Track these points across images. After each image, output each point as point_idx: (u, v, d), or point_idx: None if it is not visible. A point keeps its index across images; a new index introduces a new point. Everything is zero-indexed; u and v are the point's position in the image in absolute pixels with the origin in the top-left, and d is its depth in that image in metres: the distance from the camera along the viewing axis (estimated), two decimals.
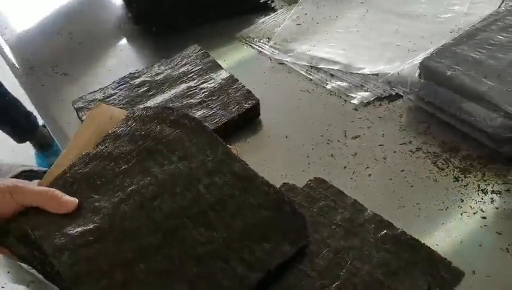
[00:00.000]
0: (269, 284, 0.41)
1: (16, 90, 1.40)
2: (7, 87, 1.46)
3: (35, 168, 0.73)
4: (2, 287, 0.39)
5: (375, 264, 0.43)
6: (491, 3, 0.76)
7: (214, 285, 0.39)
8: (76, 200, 0.44)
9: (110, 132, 0.51)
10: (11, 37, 0.88)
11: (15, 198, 0.42)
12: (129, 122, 0.51)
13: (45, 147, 1.62)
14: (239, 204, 0.44)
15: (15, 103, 1.51)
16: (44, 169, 0.74)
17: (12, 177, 0.68)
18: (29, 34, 0.89)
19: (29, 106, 1.54)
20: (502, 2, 0.76)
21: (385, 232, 0.45)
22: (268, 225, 0.43)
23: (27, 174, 0.72)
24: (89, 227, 0.42)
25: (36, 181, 0.49)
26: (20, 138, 1.56)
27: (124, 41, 0.83)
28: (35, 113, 1.61)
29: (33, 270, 0.44)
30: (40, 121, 1.59)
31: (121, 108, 0.66)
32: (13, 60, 0.82)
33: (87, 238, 0.41)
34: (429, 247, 0.44)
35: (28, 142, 1.60)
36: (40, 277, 0.43)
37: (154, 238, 0.41)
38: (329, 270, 0.43)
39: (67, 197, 0.44)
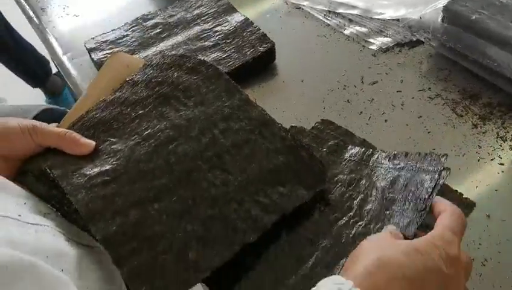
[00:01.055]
0: (284, 227, 0.41)
1: (30, 34, 1.40)
2: (22, 32, 1.46)
3: (56, 107, 0.73)
4: (19, 215, 0.40)
5: (385, 187, 0.43)
6: None
7: (228, 226, 0.39)
8: (93, 143, 0.44)
9: (127, 79, 0.50)
10: None
11: (34, 139, 0.43)
12: (146, 70, 0.51)
13: (56, 94, 1.64)
14: (255, 148, 0.44)
15: (29, 48, 1.52)
16: (62, 108, 0.74)
17: (33, 117, 0.68)
18: None
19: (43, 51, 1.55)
20: None
21: (396, 158, 0.45)
22: (284, 169, 0.43)
23: (47, 114, 0.72)
24: (105, 168, 0.42)
25: (54, 124, 0.49)
26: (34, 82, 1.59)
27: None
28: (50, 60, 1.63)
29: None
30: (54, 70, 1.60)
31: (133, 50, 0.65)
32: (24, 3, 0.81)
33: (103, 178, 0.41)
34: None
35: (39, 90, 1.63)
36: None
37: (169, 180, 0.42)
38: (341, 203, 0.43)
39: (84, 140, 0.44)
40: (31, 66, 1.54)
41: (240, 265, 0.39)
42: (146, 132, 0.45)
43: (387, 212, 0.40)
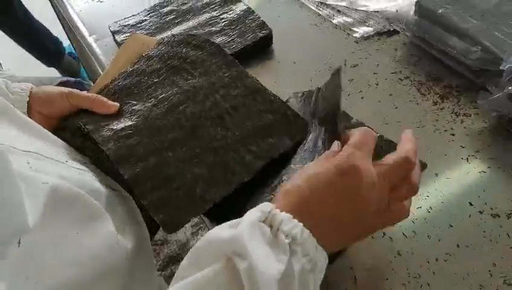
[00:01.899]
0: (271, 171, 0.52)
1: (47, 16, 1.50)
2: (38, 13, 1.55)
3: (70, 79, 0.84)
4: (66, 161, 0.50)
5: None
6: None
7: (227, 169, 0.50)
8: (118, 104, 0.55)
9: (144, 54, 0.61)
10: None
11: (70, 100, 0.53)
12: (160, 46, 0.62)
13: (73, 75, 1.74)
14: (249, 110, 0.55)
15: (43, 29, 1.62)
16: (78, 79, 0.85)
17: (60, 84, 0.79)
18: None
19: (57, 33, 1.65)
20: None
21: None
22: (272, 125, 0.54)
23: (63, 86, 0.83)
24: (128, 124, 0.53)
25: (84, 91, 0.60)
26: (49, 61, 1.69)
27: None
28: (63, 40, 1.73)
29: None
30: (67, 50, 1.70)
31: (151, 33, 0.75)
32: None
33: (127, 132, 0.52)
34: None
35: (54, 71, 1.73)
36: None
37: (179, 134, 0.53)
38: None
39: (110, 102, 0.55)
40: (46, 46, 1.64)
41: (234, 200, 0.50)
42: (161, 96, 0.56)
43: None
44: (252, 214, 0.35)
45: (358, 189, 0.37)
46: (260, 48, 0.71)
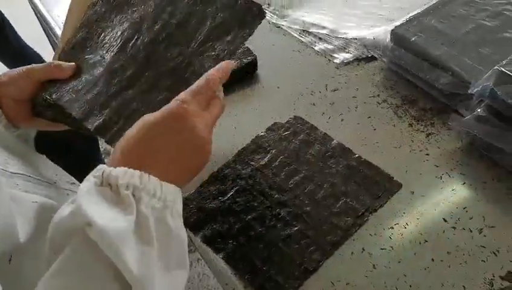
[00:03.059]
0: None
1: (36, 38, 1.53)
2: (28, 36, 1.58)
3: None
4: (55, 182, 0.52)
5: (339, 178, 0.56)
6: None
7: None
8: (73, 64, 0.54)
9: (88, 4, 0.60)
10: None
11: (31, 77, 0.52)
12: None
13: None
14: (199, 17, 0.54)
15: (33, 52, 1.65)
16: None
17: None
18: None
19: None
20: None
21: (345, 155, 0.59)
22: (227, 21, 0.52)
23: None
24: (88, 79, 0.53)
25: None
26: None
27: None
28: None
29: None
30: None
31: None
32: (50, 20, 0.94)
33: (87, 87, 0.52)
34: (377, 166, 0.57)
35: None
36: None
37: (135, 69, 0.52)
38: (300, 186, 0.56)
39: (66, 64, 0.54)
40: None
41: None
42: (112, 39, 0.55)
43: None
44: (87, 182, 0.36)
45: (186, 129, 0.40)
46: (245, 73, 0.75)
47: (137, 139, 0.39)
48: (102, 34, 0.57)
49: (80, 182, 0.37)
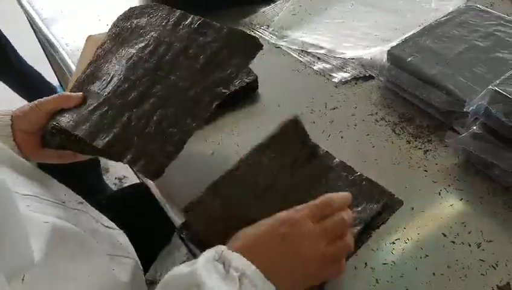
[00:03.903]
0: None
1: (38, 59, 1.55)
2: (33, 62, 1.60)
3: None
4: (63, 202, 0.53)
5: None
6: (456, 1, 0.89)
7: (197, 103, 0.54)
8: (80, 93, 0.58)
9: (98, 44, 0.65)
10: (48, 18, 1.02)
11: (41, 108, 0.56)
12: (108, 32, 0.66)
13: None
14: (200, 46, 0.58)
15: (36, 74, 1.67)
16: None
17: None
18: (64, 15, 1.03)
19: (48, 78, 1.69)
20: (467, 0, 0.90)
21: (347, 174, 0.60)
22: (225, 51, 0.57)
23: None
24: (93, 105, 0.56)
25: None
26: None
27: None
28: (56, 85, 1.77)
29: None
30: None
31: None
32: (51, 36, 0.96)
33: (94, 112, 0.55)
34: (378, 183, 0.59)
35: None
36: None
37: (140, 91, 0.56)
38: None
39: (74, 94, 0.58)
40: (40, 90, 1.68)
41: None
42: (115, 67, 0.59)
43: None
44: (207, 253, 0.41)
45: (292, 236, 0.43)
46: (246, 93, 0.77)
47: (251, 235, 0.44)
48: (107, 65, 0.60)
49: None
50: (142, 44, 0.60)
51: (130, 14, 0.65)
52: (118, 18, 0.66)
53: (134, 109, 0.54)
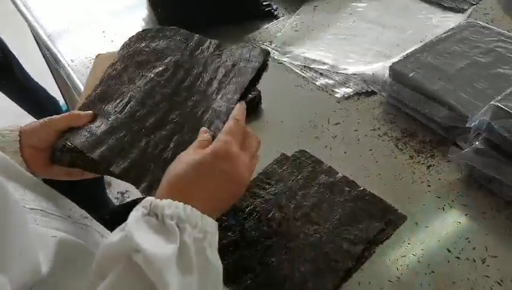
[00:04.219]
0: None
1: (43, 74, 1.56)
2: (37, 76, 1.62)
3: None
4: (69, 216, 0.54)
5: (343, 212, 0.58)
6: (457, 17, 0.90)
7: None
8: (91, 112, 0.57)
9: (109, 63, 0.64)
10: (53, 33, 1.03)
11: (51, 126, 0.56)
12: (119, 51, 0.65)
13: None
14: (216, 67, 0.60)
15: (40, 89, 1.69)
16: None
17: None
18: (69, 31, 1.05)
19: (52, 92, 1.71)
20: (468, 17, 0.91)
21: (350, 189, 0.61)
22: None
23: None
24: (109, 127, 0.55)
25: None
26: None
27: None
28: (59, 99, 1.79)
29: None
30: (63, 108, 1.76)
31: None
32: (56, 52, 0.97)
33: (111, 135, 0.54)
34: (381, 198, 0.59)
35: None
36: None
37: (158, 116, 0.55)
38: (309, 218, 0.58)
39: (84, 112, 0.57)
40: (44, 105, 1.70)
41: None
42: (131, 92, 0.58)
43: None
44: (136, 212, 0.40)
45: (228, 168, 0.45)
46: (250, 108, 0.77)
47: (184, 174, 0.44)
48: (121, 86, 0.60)
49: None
50: (161, 68, 0.60)
51: (144, 35, 0.65)
52: (130, 39, 0.66)
53: (152, 135, 0.54)
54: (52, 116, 0.57)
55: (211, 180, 0.44)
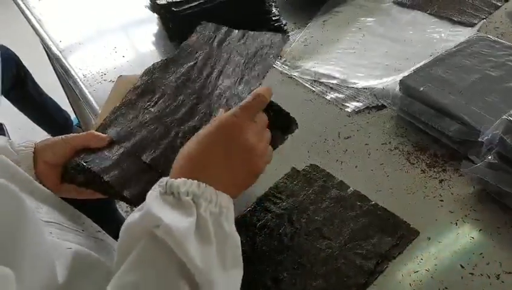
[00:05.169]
0: None
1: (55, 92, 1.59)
2: (49, 90, 1.65)
3: None
4: (82, 230, 0.54)
5: (354, 227, 0.58)
6: (467, 32, 0.91)
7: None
8: (110, 136, 0.59)
9: (130, 88, 0.65)
10: (66, 48, 1.05)
11: (67, 142, 0.57)
12: (143, 77, 0.66)
13: None
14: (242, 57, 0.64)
15: (52, 103, 1.71)
16: None
17: None
18: (81, 46, 1.06)
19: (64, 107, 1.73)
20: (478, 31, 0.91)
21: (362, 203, 0.60)
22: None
23: None
24: (121, 150, 0.56)
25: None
26: (59, 134, 1.76)
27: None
28: (71, 114, 1.81)
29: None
30: (74, 121, 1.78)
31: None
32: (68, 67, 0.99)
33: (119, 156, 0.55)
34: (393, 213, 0.59)
35: None
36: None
37: (169, 141, 0.56)
38: (321, 232, 0.58)
39: (102, 135, 0.58)
40: (55, 119, 1.72)
41: None
42: (145, 116, 0.60)
43: None
44: (153, 192, 0.42)
45: (240, 141, 0.45)
46: None
47: (193, 152, 0.45)
48: (140, 112, 0.61)
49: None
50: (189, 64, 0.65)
51: (168, 63, 0.67)
52: (153, 65, 0.67)
53: (164, 158, 0.54)
54: (69, 134, 0.58)
55: (218, 153, 0.45)
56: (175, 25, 0.97)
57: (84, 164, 0.54)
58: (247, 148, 0.46)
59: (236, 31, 0.67)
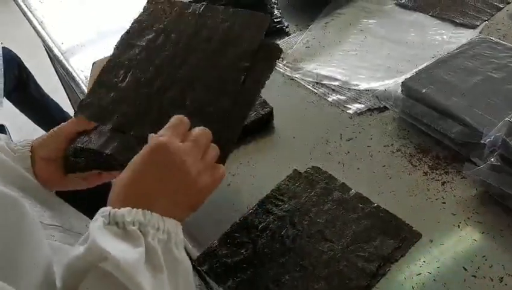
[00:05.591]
0: None
1: (57, 94, 1.58)
2: (51, 92, 1.65)
3: None
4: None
5: (356, 229, 0.58)
6: (469, 33, 0.90)
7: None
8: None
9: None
10: (67, 50, 1.05)
11: (59, 133, 0.57)
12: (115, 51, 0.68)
13: None
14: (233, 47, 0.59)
15: (54, 104, 1.71)
16: None
17: None
18: (83, 48, 1.06)
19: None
20: (480, 33, 0.91)
21: (364, 205, 0.60)
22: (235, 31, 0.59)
23: None
24: (107, 127, 0.57)
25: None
26: None
27: None
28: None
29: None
30: None
31: None
32: (70, 68, 0.99)
33: (111, 131, 0.56)
34: (395, 215, 0.58)
35: None
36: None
37: (160, 108, 0.56)
38: (323, 235, 0.58)
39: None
40: (57, 121, 1.72)
41: None
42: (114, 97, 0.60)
43: None
44: (95, 223, 0.39)
45: (170, 160, 0.43)
46: (262, 124, 0.78)
47: (127, 181, 0.43)
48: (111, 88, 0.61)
49: None
50: (151, 36, 0.64)
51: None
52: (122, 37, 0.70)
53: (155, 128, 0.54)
54: (58, 126, 0.58)
55: (153, 178, 0.43)
56: None
57: (80, 145, 0.55)
58: (177, 166, 0.44)
59: (194, 4, 0.65)
